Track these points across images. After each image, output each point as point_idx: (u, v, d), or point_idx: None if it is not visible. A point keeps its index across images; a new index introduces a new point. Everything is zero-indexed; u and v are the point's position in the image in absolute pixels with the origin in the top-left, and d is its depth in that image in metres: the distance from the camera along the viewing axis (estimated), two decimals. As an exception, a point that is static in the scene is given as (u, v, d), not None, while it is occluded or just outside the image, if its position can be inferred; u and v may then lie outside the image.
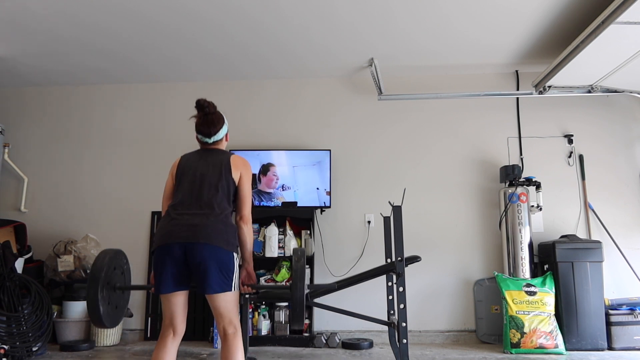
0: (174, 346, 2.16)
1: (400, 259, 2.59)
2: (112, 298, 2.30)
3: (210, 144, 2.38)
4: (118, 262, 2.36)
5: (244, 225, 2.27)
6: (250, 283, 2.32)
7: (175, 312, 2.16)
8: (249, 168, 2.36)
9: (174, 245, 2.09)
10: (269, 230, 4.13)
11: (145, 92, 4.84)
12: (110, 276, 2.28)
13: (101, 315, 2.18)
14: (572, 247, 3.83)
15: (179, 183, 2.30)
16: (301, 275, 2.20)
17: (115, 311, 2.33)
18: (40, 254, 4.39)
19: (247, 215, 2.29)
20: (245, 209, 2.29)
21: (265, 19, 3.65)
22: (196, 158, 2.34)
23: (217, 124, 2.35)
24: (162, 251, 2.11)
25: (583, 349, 3.69)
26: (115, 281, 2.32)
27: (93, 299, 2.15)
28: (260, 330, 3.97)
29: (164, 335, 2.16)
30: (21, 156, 4.75)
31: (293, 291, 2.18)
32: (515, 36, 3.93)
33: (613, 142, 4.41)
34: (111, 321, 2.28)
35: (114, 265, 2.31)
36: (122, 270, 2.41)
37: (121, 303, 2.41)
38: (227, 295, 2.12)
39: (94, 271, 2.19)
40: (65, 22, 3.65)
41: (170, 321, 2.16)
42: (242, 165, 2.33)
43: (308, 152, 4.37)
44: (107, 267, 2.23)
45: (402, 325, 2.55)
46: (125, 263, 2.45)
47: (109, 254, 2.29)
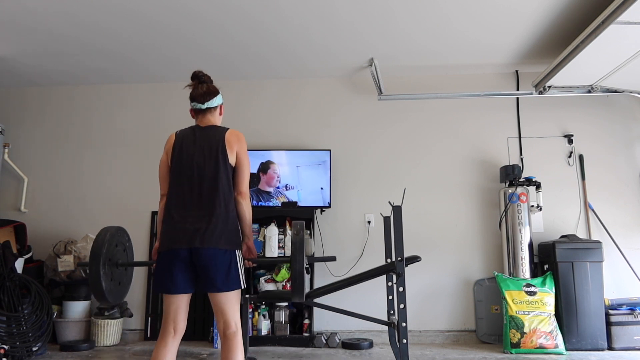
0: (174, 345, 2.15)
1: (400, 259, 2.59)
2: (115, 274, 2.28)
3: (204, 110, 2.36)
4: (119, 239, 2.35)
5: (243, 200, 2.26)
6: (250, 257, 2.32)
7: (179, 312, 2.16)
8: (244, 143, 2.32)
9: (181, 250, 2.11)
10: (269, 230, 4.13)
11: (145, 92, 4.84)
12: (112, 252, 2.26)
13: (104, 290, 2.16)
14: (572, 247, 3.83)
15: (176, 174, 2.25)
16: (300, 248, 2.20)
17: (118, 287, 2.31)
18: (40, 254, 4.39)
19: (245, 190, 2.28)
20: (243, 184, 2.28)
21: (265, 19, 3.65)
22: (191, 140, 2.29)
23: (211, 92, 2.40)
24: (171, 254, 2.12)
25: (583, 349, 3.69)
26: (117, 258, 2.31)
27: (95, 274, 2.14)
28: (260, 330, 3.97)
29: (164, 334, 2.16)
30: (21, 156, 4.75)
31: (292, 263, 2.19)
32: (515, 36, 3.93)
33: (613, 142, 4.41)
34: (114, 297, 2.26)
35: (115, 242, 2.29)
36: (124, 247, 2.39)
37: (124, 280, 2.39)
38: (229, 293, 2.13)
39: (94, 248, 2.17)
40: (66, 22, 3.65)
41: (172, 320, 2.16)
42: (237, 142, 2.29)
43: (308, 152, 4.38)
44: (108, 243, 2.22)
45: (402, 325, 2.55)
46: (127, 240, 2.43)
47: (110, 231, 2.27)
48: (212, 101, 2.39)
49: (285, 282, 4.05)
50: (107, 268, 2.21)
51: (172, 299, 2.16)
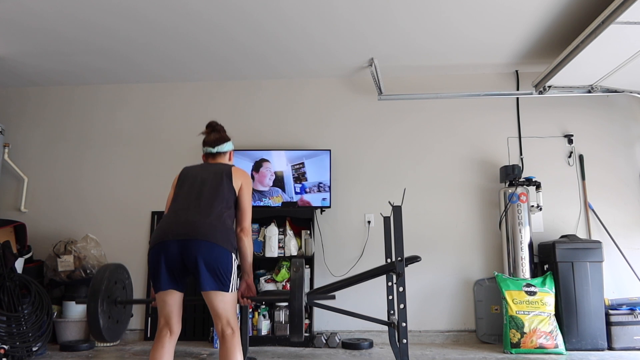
0: (171, 345, 2.16)
1: (400, 259, 2.59)
2: (113, 312, 2.27)
3: (214, 154, 2.44)
4: (119, 276, 2.35)
5: (245, 237, 2.28)
6: (249, 295, 2.31)
7: (171, 312, 2.16)
8: (250, 181, 2.40)
9: (170, 242, 2.09)
10: (269, 230, 4.13)
11: (145, 92, 4.84)
12: (111, 290, 2.25)
13: (101, 329, 2.16)
14: (572, 247, 3.83)
15: (179, 189, 2.32)
16: (299, 286, 2.19)
17: (116, 325, 2.31)
18: (40, 254, 4.39)
19: (247, 227, 2.30)
20: (246, 220, 2.31)
21: (265, 19, 3.65)
22: (198, 168, 2.40)
23: (223, 138, 2.47)
24: (158, 248, 2.11)
25: (583, 349, 3.69)
26: (116, 295, 2.30)
27: (93, 312, 2.13)
28: (260, 330, 3.97)
29: (160, 335, 2.16)
30: (21, 156, 4.75)
31: (291, 301, 2.18)
32: (515, 36, 3.93)
33: (613, 142, 4.41)
34: (112, 335, 2.26)
35: (114, 279, 2.29)
36: (124, 285, 2.39)
37: (123, 318, 2.38)
38: (225, 295, 2.11)
39: (93, 284, 2.17)
40: (66, 22, 3.65)
41: (166, 322, 2.16)
42: (243, 177, 2.36)
43: (308, 152, 4.38)
44: (107, 280, 2.21)
45: (402, 325, 2.55)
46: (127, 278, 2.43)
47: (109, 268, 2.28)
48: (222, 146, 2.47)
49: (285, 282, 4.05)
50: (106, 306, 2.20)
51: (162, 297, 2.14)
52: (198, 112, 4.75)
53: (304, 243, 4.19)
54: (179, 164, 4.63)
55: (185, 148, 4.66)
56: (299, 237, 4.22)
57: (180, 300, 2.19)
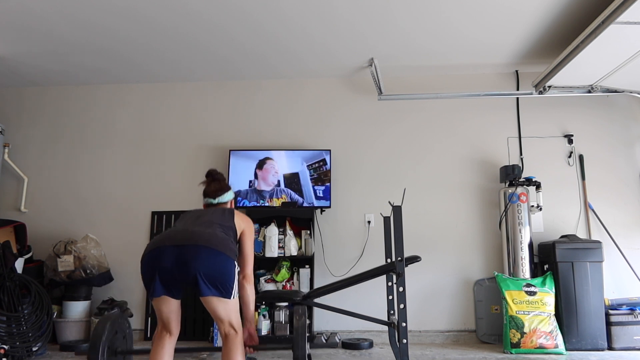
0: (170, 346, 2.16)
1: (400, 259, 2.59)
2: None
3: (215, 205, 2.45)
4: (120, 326, 2.35)
5: (247, 284, 2.28)
6: (252, 344, 2.30)
7: (169, 317, 2.15)
8: (252, 227, 2.41)
9: (166, 248, 2.06)
10: (269, 230, 4.13)
11: (145, 92, 4.84)
12: (112, 340, 2.27)
13: None
14: (572, 247, 3.83)
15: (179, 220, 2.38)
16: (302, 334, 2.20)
17: None
18: (40, 254, 4.39)
19: (249, 274, 2.31)
20: (248, 267, 2.31)
21: (265, 19, 3.65)
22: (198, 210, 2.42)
23: (223, 188, 2.47)
24: (153, 254, 2.07)
25: (583, 349, 3.69)
26: (116, 345, 2.31)
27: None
28: (260, 330, 3.97)
29: (160, 336, 2.16)
30: (21, 156, 4.75)
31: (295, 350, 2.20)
32: (515, 36, 3.93)
33: (613, 142, 4.41)
34: None
35: (115, 329, 2.30)
36: (124, 335, 2.40)
37: None
38: (227, 302, 2.10)
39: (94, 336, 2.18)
40: (65, 22, 3.65)
41: (164, 325, 2.16)
42: (245, 221, 2.38)
43: (308, 152, 4.37)
44: (108, 331, 2.22)
45: (402, 325, 2.55)
46: (128, 327, 2.45)
47: (110, 319, 2.28)
48: (223, 197, 2.47)
49: (285, 282, 4.05)
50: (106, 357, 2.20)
51: (158, 303, 2.13)
52: (198, 112, 4.75)
53: (304, 243, 4.19)
54: (178, 164, 4.64)
55: (185, 148, 4.66)
56: (299, 237, 4.22)
57: (178, 306, 2.17)
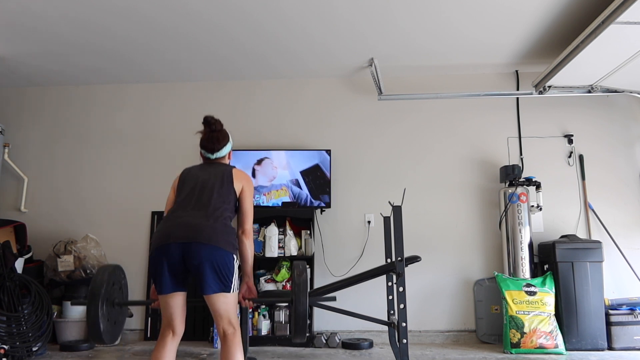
0: (173, 346, 2.16)
1: (400, 259, 2.59)
2: (112, 314, 2.30)
3: (213, 159, 2.42)
4: (116, 277, 2.36)
5: (246, 239, 2.28)
6: (250, 297, 2.31)
7: (174, 313, 2.16)
8: (251, 183, 2.39)
9: (172, 245, 2.09)
10: (269, 230, 4.13)
11: (145, 92, 4.84)
12: (110, 292, 2.27)
13: (101, 332, 2.17)
14: (572, 247, 3.83)
15: (179, 191, 2.32)
16: (303, 290, 2.19)
17: (114, 327, 2.33)
18: (40, 254, 4.39)
19: (249, 229, 2.30)
20: (247, 223, 2.30)
21: (265, 19, 3.65)
22: (197, 169, 2.39)
23: (221, 141, 2.40)
24: (160, 251, 2.11)
25: (583, 349, 3.69)
26: (114, 297, 2.32)
27: (94, 316, 2.15)
28: (260, 330, 3.97)
29: (163, 335, 2.16)
30: (21, 156, 4.75)
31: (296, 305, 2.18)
32: (515, 36, 3.93)
33: (613, 142, 4.41)
34: (111, 337, 2.28)
35: (112, 281, 2.31)
36: (120, 286, 2.41)
37: (120, 318, 2.40)
38: (227, 297, 2.11)
39: (93, 288, 2.19)
40: (65, 22, 3.65)
41: (169, 322, 2.16)
42: (244, 179, 2.35)
43: (308, 152, 4.37)
44: (106, 283, 2.23)
45: (402, 325, 2.55)
46: (123, 278, 2.45)
47: (107, 270, 2.29)
48: (220, 152, 2.42)
49: (285, 282, 4.05)
50: (105, 309, 2.21)
51: (165, 300, 2.15)
52: (198, 112, 4.72)
53: (304, 243, 4.19)
54: (178, 163, 4.64)
55: (185, 148, 4.66)
56: (299, 237, 4.22)
57: (184, 300, 2.19)
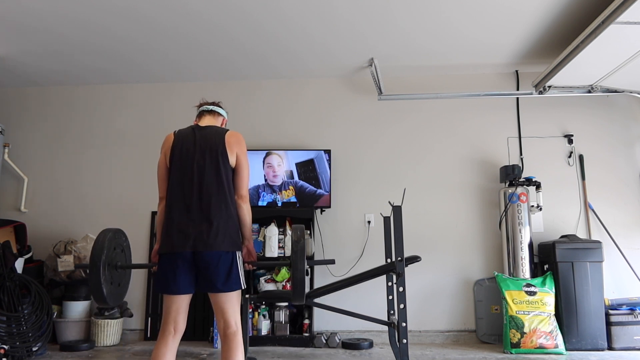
0: (174, 344, 2.16)
1: (400, 259, 2.59)
2: (115, 277, 2.30)
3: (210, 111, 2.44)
4: (118, 241, 2.36)
5: (243, 203, 2.28)
6: (250, 260, 2.34)
7: (180, 312, 2.18)
8: (244, 145, 2.33)
9: (184, 252, 2.13)
10: (269, 230, 4.13)
11: (145, 92, 4.84)
12: (111, 256, 2.27)
13: (105, 295, 2.18)
14: (572, 247, 3.83)
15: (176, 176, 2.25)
16: (301, 255, 2.23)
17: (118, 289, 2.34)
18: (40, 254, 4.39)
19: (245, 194, 2.30)
20: (243, 187, 2.30)
21: (265, 19, 3.65)
22: (191, 141, 2.28)
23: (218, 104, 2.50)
24: (174, 256, 2.14)
25: (583, 349, 3.69)
26: (116, 260, 2.32)
27: (96, 280, 2.15)
28: (260, 330, 3.97)
29: (164, 333, 2.16)
30: (21, 156, 4.75)
31: (294, 270, 2.23)
32: (515, 36, 3.93)
33: (613, 142, 4.41)
34: (114, 299, 2.29)
35: (114, 245, 2.30)
36: (122, 248, 2.41)
37: (123, 281, 2.41)
38: (231, 295, 2.15)
39: (94, 252, 2.18)
40: (66, 22, 3.65)
41: (173, 320, 2.17)
42: (237, 144, 2.30)
43: (308, 152, 4.37)
44: (107, 247, 2.23)
45: (402, 325, 2.55)
46: (125, 240, 2.45)
47: (108, 234, 2.28)
48: (218, 107, 2.48)
49: (285, 282, 4.05)
50: (107, 272, 2.22)
51: (173, 299, 2.16)
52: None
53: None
54: (179, 164, 4.64)
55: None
56: (299, 237, 4.22)
57: (189, 300, 2.21)
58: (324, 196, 4.26)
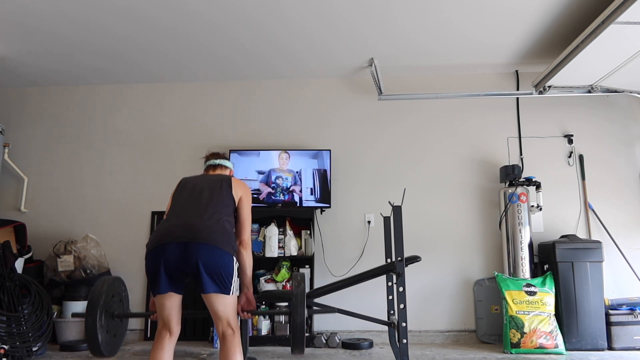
0: (170, 346, 2.16)
1: (400, 259, 2.59)
2: (111, 326, 2.29)
3: (216, 165, 2.51)
4: (116, 289, 2.35)
5: (244, 250, 2.28)
6: (249, 309, 2.31)
7: (170, 314, 2.15)
8: (249, 193, 2.40)
9: (170, 245, 2.08)
10: (269, 230, 4.13)
11: (145, 92, 4.84)
12: (109, 304, 2.26)
13: (99, 344, 2.16)
14: (572, 247, 3.83)
15: (178, 196, 2.33)
16: (301, 300, 2.19)
17: (113, 339, 2.32)
18: (40, 254, 4.39)
19: (246, 240, 2.30)
20: (245, 233, 2.31)
21: (265, 19, 3.65)
22: (197, 177, 2.42)
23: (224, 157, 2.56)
24: (157, 251, 2.09)
25: (583, 349, 3.69)
26: (113, 309, 2.31)
27: (91, 327, 2.13)
28: (260, 330, 3.97)
29: (160, 335, 2.16)
30: (21, 156, 4.75)
31: (293, 316, 2.19)
32: (515, 36, 3.93)
33: (613, 142, 4.41)
34: (110, 350, 2.26)
35: (112, 292, 2.29)
36: (121, 298, 2.40)
37: (119, 331, 2.39)
38: (226, 298, 2.11)
39: (92, 299, 2.18)
40: (65, 22, 3.65)
41: (165, 323, 2.16)
42: (242, 188, 2.37)
43: (308, 152, 4.37)
44: (105, 294, 2.22)
45: (402, 325, 2.55)
46: (124, 290, 2.44)
47: (107, 282, 2.28)
48: (224, 161, 2.55)
49: (285, 282, 4.05)
50: (104, 319, 2.20)
51: (161, 300, 2.14)
52: (198, 112, 4.75)
53: (304, 243, 4.19)
54: (178, 164, 4.64)
55: (185, 148, 4.66)
56: (299, 237, 4.22)
57: (180, 302, 2.18)
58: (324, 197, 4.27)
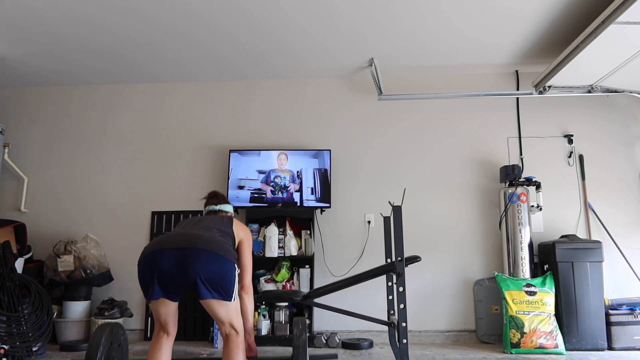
0: (168, 346, 2.17)
1: (400, 259, 2.59)
2: None
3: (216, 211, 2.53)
4: (115, 336, 2.34)
5: (246, 295, 2.29)
6: (251, 355, 2.30)
7: (167, 319, 2.16)
8: (250, 237, 2.42)
9: (166, 251, 2.05)
10: (269, 230, 4.13)
11: (145, 92, 4.84)
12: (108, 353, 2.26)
13: None
14: (572, 247, 3.83)
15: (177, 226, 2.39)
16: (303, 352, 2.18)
17: None
18: (40, 254, 4.39)
19: (248, 284, 2.31)
20: (246, 277, 2.31)
21: (265, 19, 3.65)
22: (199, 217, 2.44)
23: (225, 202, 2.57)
24: (152, 257, 2.06)
25: (583, 349, 3.69)
26: (113, 356, 2.31)
27: None
28: (260, 330, 3.97)
29: (157, 336, 2.17)
30: (21, 156, 4.75)
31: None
32: (515, 36, 3.93)
33: (613, 142, 4.41)
34: None
35: (110, 340, 2.29)
36: (119, 343, 2.39)
37: None
38: (228, 305, 2.11)
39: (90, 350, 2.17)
40: (65, 22, 3.65)
41: (162, 326, 2.17)
42: (244, 231, 2.39)
43: (308, 152, 4.37)
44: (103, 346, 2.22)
45: (402, 325, 2.55)
46: (122, 334, 2.44)
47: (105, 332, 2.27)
48: (224, 205, 2.56)
49: (285, 282, 4.05)
50: None
51: (155, 306, 2.13)
52: (198, 113, 4.75)
53: (304, 243, 4.19)
54: (178, 163, 4.64)
55: (185, 148, 4.66)
56: (299, 237, 4.22)
57: (176, 308, 2.18)
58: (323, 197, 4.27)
